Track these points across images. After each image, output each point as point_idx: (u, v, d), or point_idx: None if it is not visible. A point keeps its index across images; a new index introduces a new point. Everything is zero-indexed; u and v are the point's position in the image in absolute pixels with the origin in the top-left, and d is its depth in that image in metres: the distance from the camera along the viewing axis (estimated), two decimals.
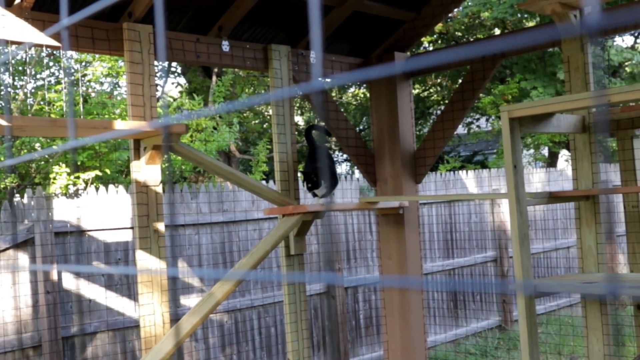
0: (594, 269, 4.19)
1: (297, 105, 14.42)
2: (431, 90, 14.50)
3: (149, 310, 3.75)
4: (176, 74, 12.50)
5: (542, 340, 7.87)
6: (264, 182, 7.37)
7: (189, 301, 6.15)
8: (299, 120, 15.74)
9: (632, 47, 12.89)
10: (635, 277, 3.83)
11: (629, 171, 4.09)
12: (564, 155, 15.89)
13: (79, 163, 7.45)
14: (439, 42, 13.14)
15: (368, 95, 11.96)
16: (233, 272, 3.97)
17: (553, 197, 4.02)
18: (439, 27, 12.77)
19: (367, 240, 7.46)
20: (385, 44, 5.18)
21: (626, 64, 12.37)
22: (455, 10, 12.13)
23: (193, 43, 4.25)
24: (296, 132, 4.56)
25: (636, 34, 13.46)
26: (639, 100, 3.65)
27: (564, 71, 4.36)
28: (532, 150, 13.84)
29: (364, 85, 13.83)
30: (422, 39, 12.38)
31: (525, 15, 11.67)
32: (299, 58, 4.76)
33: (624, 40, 14.28)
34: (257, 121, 13.17)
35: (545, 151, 14.79)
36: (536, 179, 9.63)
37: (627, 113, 4.06)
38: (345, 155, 15.22)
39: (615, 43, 12.24)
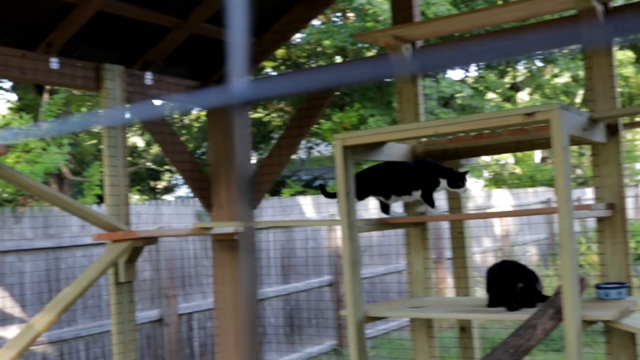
0: (421, 294, 4.33)
1: (138, 126, 14.02)
2: (273, 114, 14.61)
3: None
4: (4, 90, 11.79)
5: None
6: (95, 205, 7.08)
7: (7, 333, 5.74)
8: (139, 141, 15.31)
9: (462, 81, 13.63)
10: (458, 301, 3.99)
11: (455, 199, 4.28)
12: None
13: None
14: (282, 67, 13.30)
15: None
16: (56, 300, 3.75)
17: (383, 224, 4.13)
18: (281, 52, 12.92)
19: (203, 266, 7.33)
20: (224, 67, 5.14)
21: (457, 95, 13.04)
22: (297, 37, 12.33)
23: (18, 59, 4.03)
24: (129, 155, 4.39)
25: (466, 69, 14.25)
26: (467, 131, 3.82)
27: (397, 102, 4.51)
28: None
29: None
30: (265, 63, 12.49)
31: (366, 45, 12.03)
32: (134, 79, 4.62)
33: (455, 74, 15.10)
34: (92, 142, 12.65)
35: None
36: (372, 205, 9.86)
37: (454, 144, 4.25)
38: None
39: (446, 76, 12.88)
